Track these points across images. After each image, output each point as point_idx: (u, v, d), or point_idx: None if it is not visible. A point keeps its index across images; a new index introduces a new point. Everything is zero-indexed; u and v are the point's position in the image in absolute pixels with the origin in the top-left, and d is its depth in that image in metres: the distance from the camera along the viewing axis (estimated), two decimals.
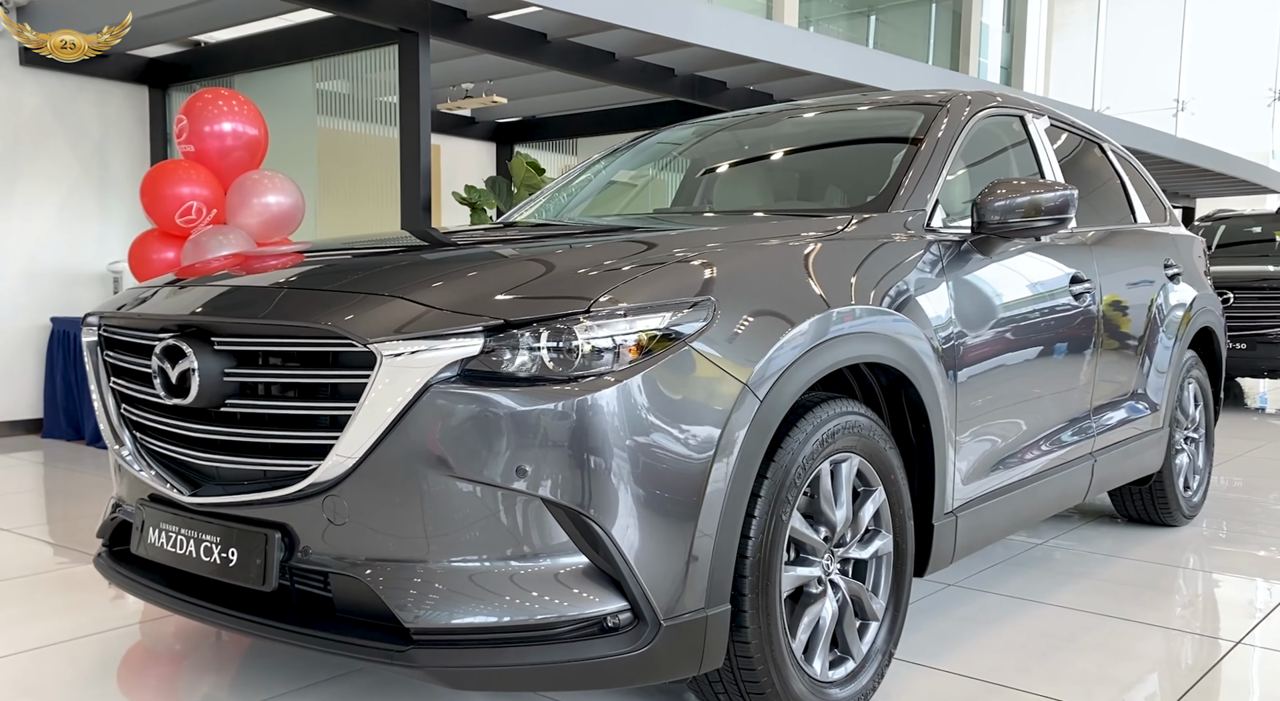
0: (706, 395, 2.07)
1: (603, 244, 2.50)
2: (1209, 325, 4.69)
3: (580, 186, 4.12)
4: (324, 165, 6.69)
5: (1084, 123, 4.39)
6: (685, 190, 4.28)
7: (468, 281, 2.14)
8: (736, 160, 4.14)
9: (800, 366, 2.26)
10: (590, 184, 4.12)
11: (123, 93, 7.45)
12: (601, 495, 1.95)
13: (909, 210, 2.93)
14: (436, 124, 9.50)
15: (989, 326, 2.99)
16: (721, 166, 4.14)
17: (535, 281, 2.12)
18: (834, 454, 2.42)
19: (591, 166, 4.22)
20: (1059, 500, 3.54)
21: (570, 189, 4.11)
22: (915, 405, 2.73)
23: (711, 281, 2.19)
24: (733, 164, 4.12)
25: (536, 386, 1.94)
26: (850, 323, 2.42)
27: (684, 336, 2.06)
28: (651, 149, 4.27)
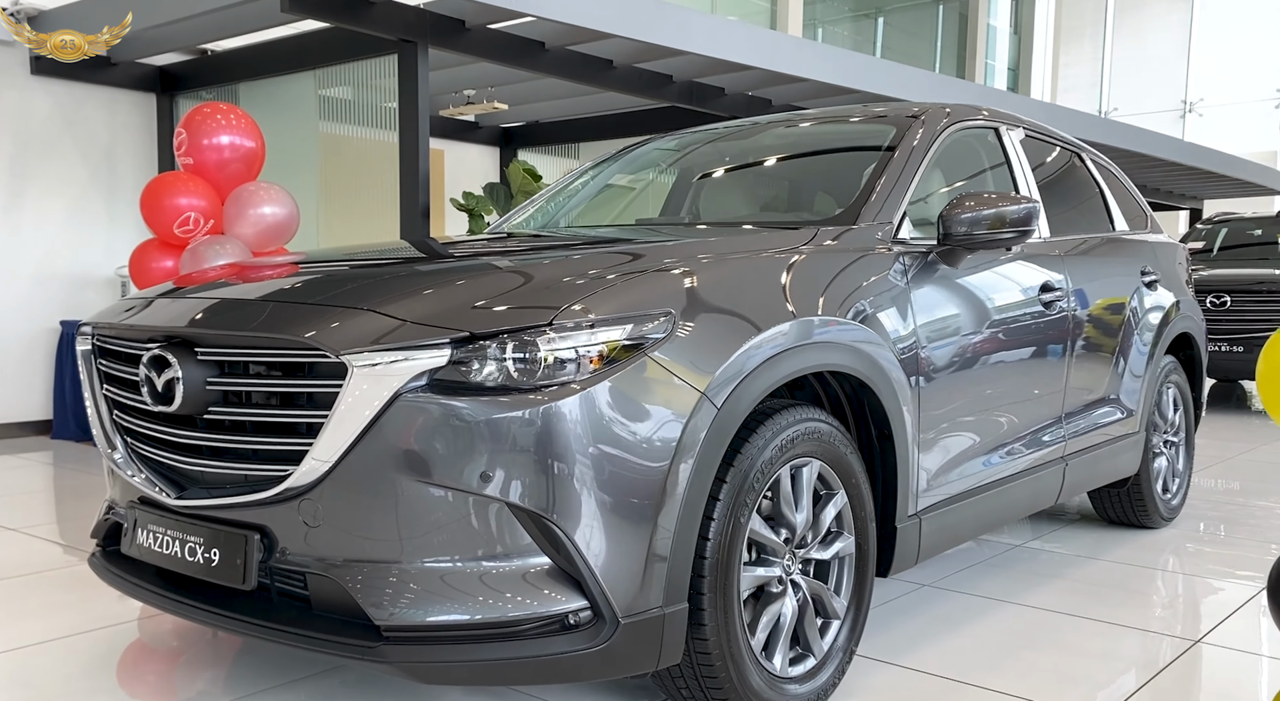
0: (665, 403, 2.18)
1: (571, 258, 2.62)
2: (1188, 331, 4.77)
3: (569, 196, 4.23)
4: (327, 171, 6.83)
5: (1063, 133, 4.49)
6: (672, 199, 4.39)
7: (438, 295, 2.26)
8: (717, 172, 4.25)
9: (758, 375, 2.36)
10: (578, 194, 4.23)
11: (131, 100, 7.60)
12: (562, 499, 2.06)
13: (876, 223, 3.04)
14: (441, 129, 9.64)
15: (953, 335, 3.09)
16: (703, 178, 4.25)
17: (502, 295, 2.23)
18: (794, 459, 2.53)
19: (580, 176, 4.33)
20: (1029, 503, 3.64)
21: (558, 199, 4.22)
22: (878, 412, 2.83)
23: (671, 294, 2.30)
24: (714, 176, 4.23)
25: (500, 395, 2.06)
26: (808, 333, 2.52)
27: (643, 347, 2.17)
28: (639, 159, 4.38)
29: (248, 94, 7.26)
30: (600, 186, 4.29)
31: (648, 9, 6.51)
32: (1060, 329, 3.67)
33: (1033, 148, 4.08)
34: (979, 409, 3.24)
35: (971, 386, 3.18)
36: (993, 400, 3.31)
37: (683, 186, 4.32)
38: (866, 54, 19.32)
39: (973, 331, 3.18)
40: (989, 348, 3.26)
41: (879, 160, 3.31)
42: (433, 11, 6.08)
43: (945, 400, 3.06)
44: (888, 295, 2.88)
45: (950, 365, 3.08)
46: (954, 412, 3.11)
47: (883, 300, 2.85)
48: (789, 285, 2.59)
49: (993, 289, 3.32)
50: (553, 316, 2.11)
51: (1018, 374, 3.44)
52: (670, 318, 2.23)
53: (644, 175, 4.60)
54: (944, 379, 3.04)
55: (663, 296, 2.28)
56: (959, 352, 3.12)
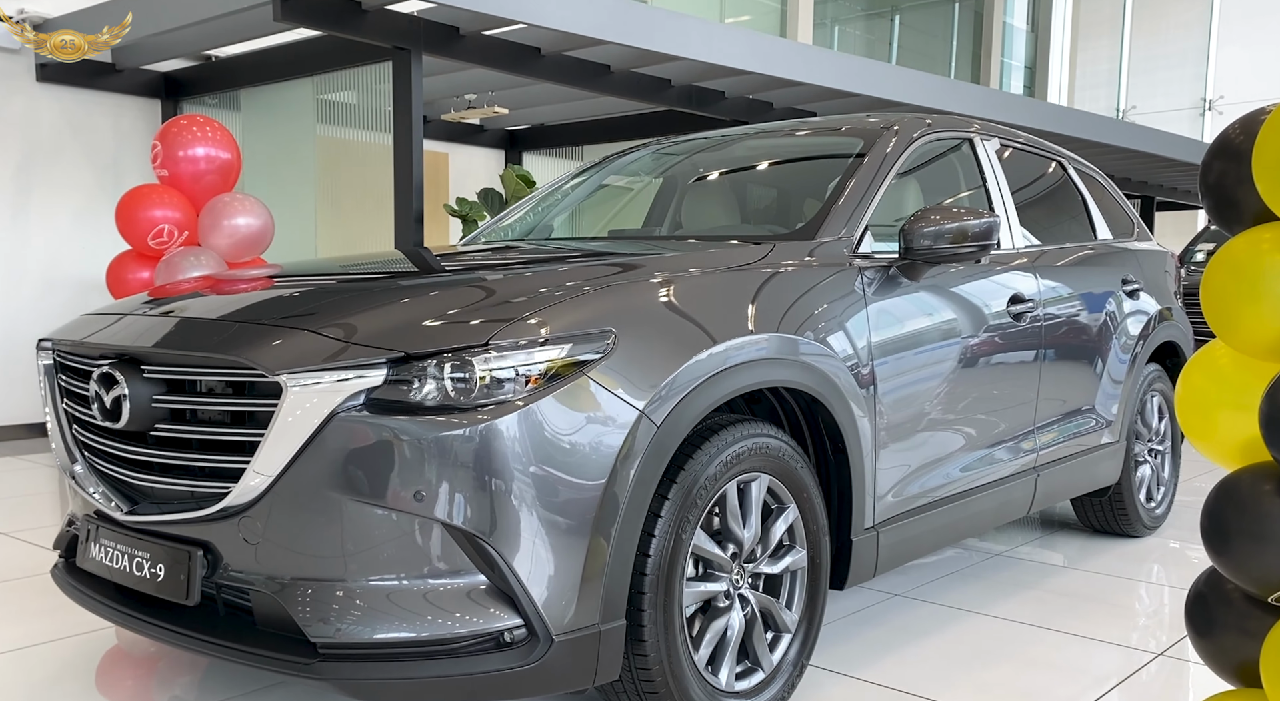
0: (603, 423, 2.21)
1: (519, 275, 2.65)
2: (1172, 339, 4.75)
3: (549, 205, 4.27)
4: (326, 176, 6.89)
5: (1045, 142, 4.48)
6: (654, 209, 4.41)
7: (379, 314, 2.30)
8: (698, 183, 4.28)
9: (700, 393, 2.39)
10: (559, 203, 4.27)
11: (136, 106, 7.69)
12: (496, 519, 2.09)
13: (835, 236, 3.06)
14: (445, 132, 9.71)
15: (912, 349, 3.10)
16: (683, 188, 4.27)
17: (443, 314, 2.26)
18: (741, 474, 2.55)
19: (559, 187, 4.37)
20: (997, 514, 3.65)
21: (538, 208, 4.25)
22: (831, 426, 2.85)
23: (612, 313, 2.33)
24: (694, 186, 4.25)
25: (435, 415, 2.09)
26: (754, 349, 2.54)
27: (583, 366, 2.20)
28: (621, 169, 4.41)
29: (249, 100, 7.34)
30: (582, 196, 4.33)
31: (642, 15, 6.54)
32: (1031, 340, 3.67)
33: (1010, 157, 4.08)
34: (941, 422, 3.25)
35: (932, 399, 3.20)
36: (956, 413, 3.32)
37: (665, 196, 4.35)
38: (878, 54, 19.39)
39: (933, 344, 3.19)
40: (951, 360, 3.27)
41: (843, 172, 3.32)
42: (426, 19, 6.13)
43: (904, 414, 3.07)
44: (844, 309, 2.89)
45: (909, 379, 3.09)
46: (913, 426, 3.13)
47: (838, 314, 2.87)
48: (737, 301, 2.61)
49: (956, 301, 3.33)
50: (490, 336, 2.14)
51: (983, 386, 3.44)
52: (610, 336, 2.26)
53: (630, 183, 4.65)
54: (902, 392, 3.06)
55: (604, 315, 2.31)
56: (918, 366, 3.13)
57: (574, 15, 6.10)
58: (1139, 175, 14.31)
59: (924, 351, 3.15)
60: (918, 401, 3.13)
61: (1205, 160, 1.88)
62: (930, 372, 3.18)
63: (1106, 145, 11.00)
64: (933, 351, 3.19)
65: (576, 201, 4.33)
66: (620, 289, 2.44)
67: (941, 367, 3.23)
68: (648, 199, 4.44)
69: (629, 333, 2.30)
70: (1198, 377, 1.93)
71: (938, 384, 3.21)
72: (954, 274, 3.35)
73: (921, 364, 3.15)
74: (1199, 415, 1.93)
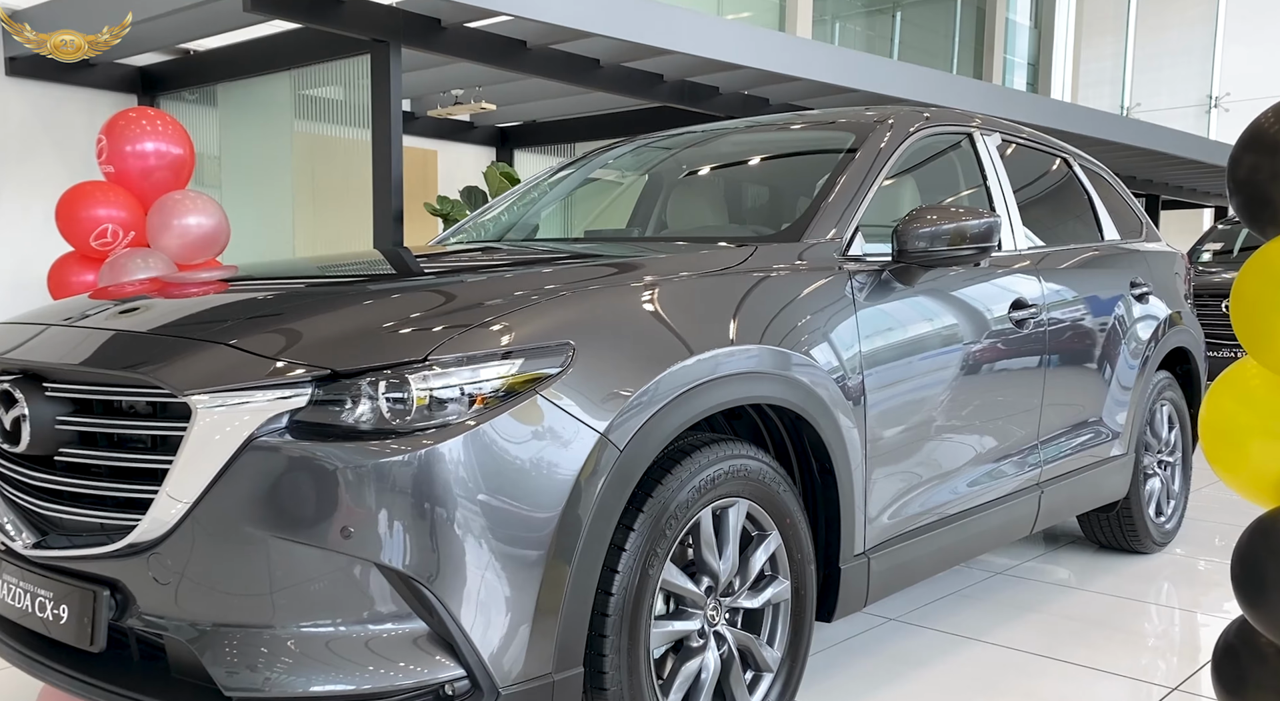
0: (558, 447, 1.98)
1: (467, 283, 2.42)
2: (1184, 345, 4.52)
3: (527, 205, 4.04)
4: (303, 173, 6.66)
5: (1049, 138, 4.25)
6: (639, 209, 4.18)
7: (310, 325, 2.06)
8: (676, 182, 4.05)
9: (670, 411, 2.16)
10: (538, 202, 4.04)
11: (111, 101, 7.46)
12: (433, 558, 1.86)
13: (823, 238, 2.83)
14: (433, 130, 9.48)
15: (905, 360, 2.87)
16: (662, 188, 4.04)
17: (380, 325, 2.03)
18: (717, 499, 2.33)
19: (537, 186, 4.14)
20: (999, 534, 3.41)
21: (514, 208, 4.02)
22: (818, 445, 2.62)
23: (570, 324, 2.10)
24: (673, 185, 4.02)
25: (365, 441, 1.86)
26: (730, 363, 2.31)
27: (535, 384, 1.97)
28: (603, 167, 4.18)
29: (226, 96, 7.11)
30: (562, 194, 4.10)
31: (630, 7, 6.30)
32: (1034, 348, 3.44)
33: (1012, 153, 3.84)
34: (937, 437, 3.02)
35: (928, 414, 2.96)
36: (954, 428, 3.08)
37: (650, 194, 4.12)
38: (879, 50, 19.13)
39: (929, 354, 2.96)
40: (948, 371, 3.04)
41: (833, 170, 3.09)
42: (405, 10, 5.89)
43: (897, 429, 2.84)
44: (831, 317, 2.66)
45: (903, 392, 2.86)
46: (908, 443, 2.89)
47: (825, 323, 2.63)
48: (713, 309, 2.38)
49: (954, 308, 3.09)
50: (430, 351, 1.91)
51: (983, 398, 3.21)
52: (568, 350, 2.03)
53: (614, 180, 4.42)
54: (896, 407, 2.83)
55: (561, 326, 2.08)
56: (913, 378, 2.90)
57: (560, 6, 5.86)
58: (1144, 173, 14.06)
59: (919, 362, 2.92)
60: (912, 416, 2.90)
61: (1234, 154, 1.65)
62: (926, 385, 2.95)
63: (1111, 142, 10.75)
64: (928, 362, 2.96)
65: (556, 199, 4.10)
66: (580, 297, 2.21)
67: (938, 379, 3.00)
68: (632, 197, 4.22)
69: (589, 346, 2.07)
70: (1226, 401, 1.70)
71: (934, 397, 2.98)
72: (952, 278, 3.11)
73: (916, 375, 2.91)
74: (1228, 445, 1.70)
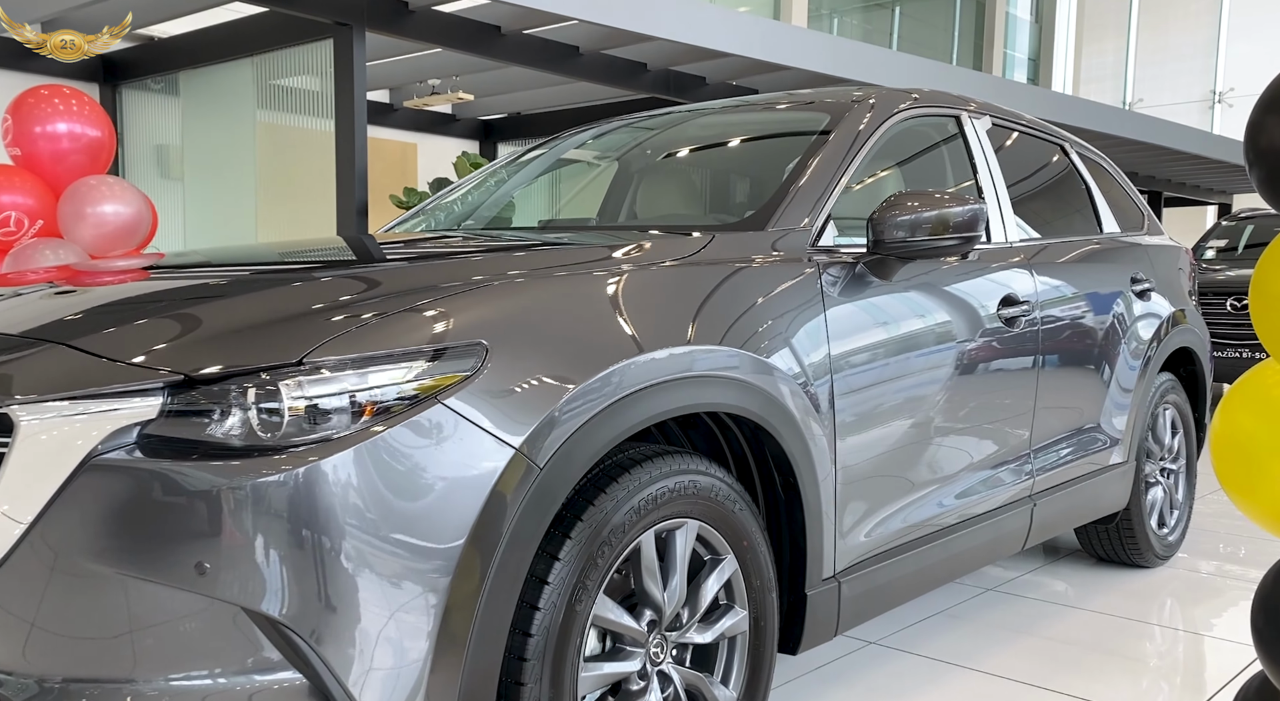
0: (463, 466, 1.70)
1: (371, 272, 2.14)
2: (1188, 345, 4.23)
3: (486, 193, 3.76)
4: (267, 163, 6.38)
5: (1044, 123, 3.96)
6: (609, 198, 3.91)
7: (180, 321, 1.79)
8: (646, 168, 3.77)
9: (602, 423, 1.88)
10: (497, 191, 3.77)
11: None
12: (307, 599, 1.58)
13: (790, 227, 2.55)
14: (413, 122, 9.21)
15: (881, 363, 2.59)
16: (633, 174, 3.77)
17: (256, 321, 1.76)
18: (661, 521, 2.05)
19: (493, 173, 3.86)
20: (987, 552, 3.13)
21: (468, 197, 3.75)
22: (780, 457, 2.34)
23: (485, 321, 1.82)
24: (642, 172, 3.75)
25: (227, 459, 1.58)
26: (674, 366, 2.03)
27: (436, 391, 1.69)
28: (567, 152, 3.91)
29: (188, 83, 6.84)
30: (524, 181, 3.83)
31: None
32: (1025, 349, 3.16)
33: (1003, 139, 3.57)
34: (918, 447, 2.74)
35: (907, 422, 2.68)
36: (936, 436, 2.80)
37: (621, 182, 3.85)
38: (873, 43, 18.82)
39: (909, 356, 2.68)
40: (930, 375, 2.76)
41: (803, 154, 2.81)
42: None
43: (872, 440, 2.56)
44: (797, 314, 2.38)
45: (878, 398, 2.58)
46: (884, 454, 2.62)
47: (789, 320, 2.35)
48: (653, 307, 2.10)
49: (936, 305, 2.81)
50: (307, 352, 1.64)
51: (968, 404, 2.93)
52: (479, 352, 1.75)
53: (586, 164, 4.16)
54: (870, 414, 2.55)
55: (472, 323, 1.80)
56: (889, 383, 2.62)
57: None
58: (1146, 170, 13.79)
59: (896, 364, 2.64)
60: (889, 424, 2.62)
61: (1254, 118, 1.38)
62: (904, 389, 2.67)
63: (1112, 136, 10.48)
64: (907, 364, 2.68)
65: (520, 186, 3.83)
66: (499, 291, 1.93)
67: (918, 383, 2.72)
68: (602, 184, 3.95)
69: (506, 346, 1.79)
70: (1242, 413, 1.42)
71: (913, 402, 2.70)
72: (934, 272, 2.83)
73: (893, 379, 2.63)
74: (1243, 464, 1.42)
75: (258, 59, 6.35)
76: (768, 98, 3.63)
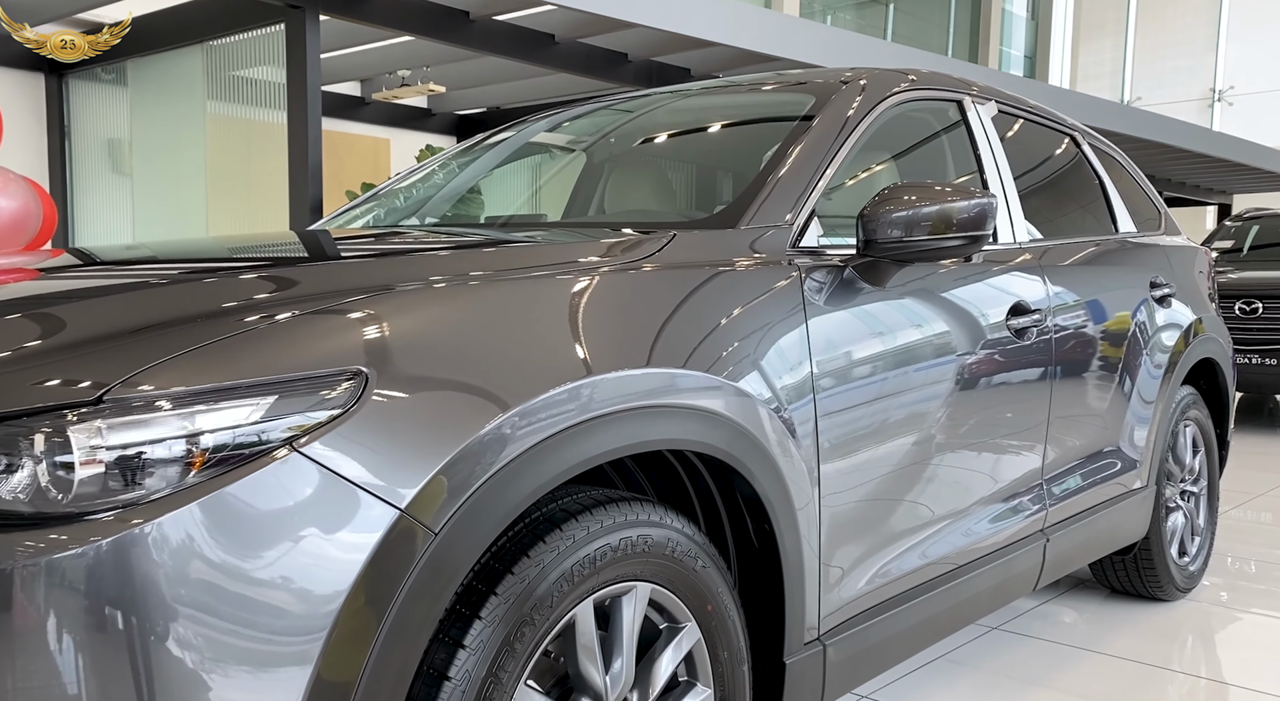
0: (327, 535, 1.30)
1: (239, 277, 1.74)
2: (1211, 356, 3.85)
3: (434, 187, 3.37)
4: (217, 156, 5.97)
5: (1054, 111, 3.58)
6: (578, 191, 3.51)
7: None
8: (615, 158, 3.38)
9: (521, 471, 1.49)
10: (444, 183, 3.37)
11: (16, 80, 6.80)
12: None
13: (766, 225, 2.16)
14: (387, 116, 8.82)
15: (873, 383, 2.20)
16: (595, 164, 3.38)
17: (70, 343, 1.37)
18: (603, 588, 1.66)
19: (444, 165, 3.47)
20: (994, 597, 2.74)
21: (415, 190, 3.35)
22: (753, 500, 1.95)
23: (366, 343, 1.42)
24: (605, 162, 3.36)
25: (13, 532, 1.19)
26: (612, 395, 1.63)
27: (293, 437, 1.30)
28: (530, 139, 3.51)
29: (136, 72, 6.43)
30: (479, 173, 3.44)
31: None
32: (1037, 364, 2.78)
33: (1009, 127, 3.18)
34: (916, 481, 2.35)
35: (903, 452, 2.29)
36: (937, 468, 2.41)
37: (591, 173, 3.46)
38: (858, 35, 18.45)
39: (905, 374, 2.29)
40: (930, 396, 2.37)
41: (783, 141, 2.42)
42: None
43: (863, 475, 2.17)
44: (771, 327, 1.99)
45: (871, 426, 2.19)
46: (878, 491, 2.23)
47: (760, 336, 1.96)
48: (590, 323, 1.70)
49: (936, 314, 2.42)
50: (109, 386, 1.24)
51: (974, 429, 2.54)
52: (354, 383, 1.36)
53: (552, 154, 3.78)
54: (861, 445, 2.16)
55: (347, 345, 1.41)
56: (883, 407, 2.23)
57: None
58: (1145, 168, 13.33)
59: (890, 384, 2.25)
60: (882, 455, 2.23)
61: None
62: (899, 414, 2.28)
63: (1111, 133, 10.09)
64: (904, 384, 2.29)
65: (475, 178, 3.44)
66: (391, 302, 1.53)
67: (916, 406, 2.33)
68: (570, 175, 3.56)
69: (394, 374, 1.40)
70: None
71: (910, 429, 2.31)
72: (934, 276, 2.45)
73: (887, 403, 2.24)
74: None
75: (208, 46, 5.94)
76: (753, 79, 3.24)
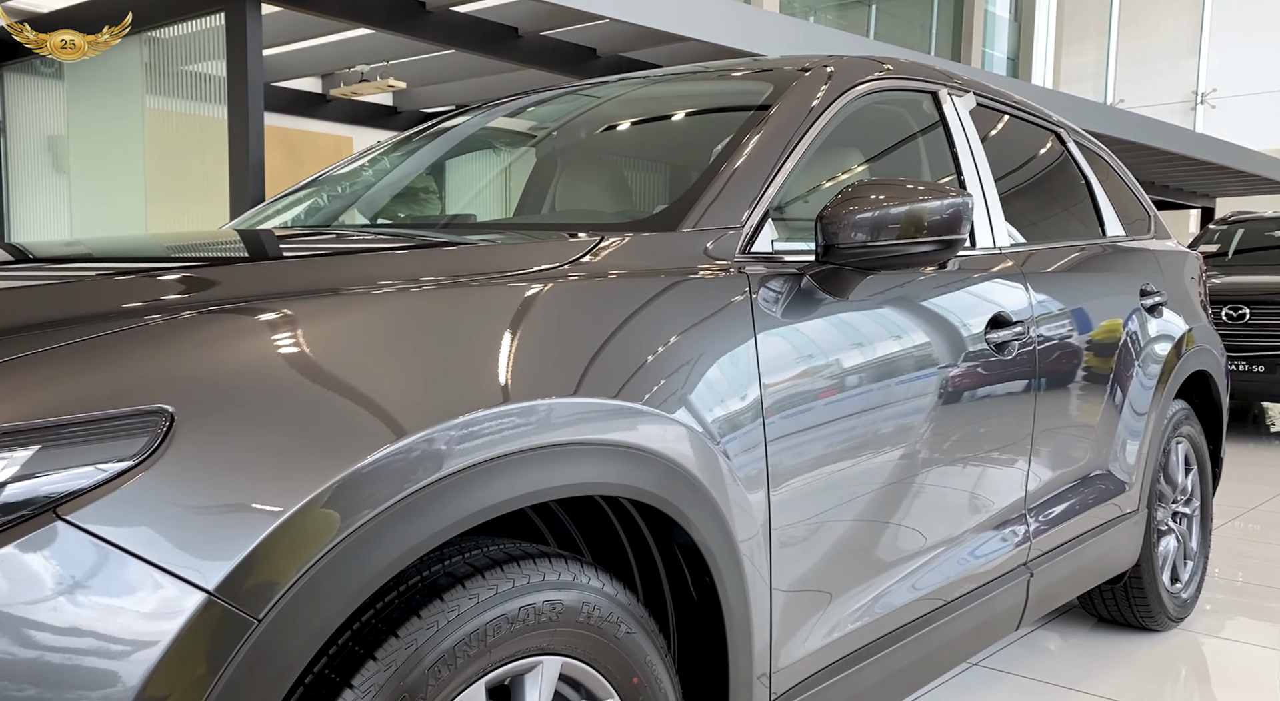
0: (106, 627, 1.02)
1: (56, 287, 1.44)
2: (1204, 368, 3.59)
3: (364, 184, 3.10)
4: (157, 153, 5.67)
5: (1037, 106, 3.31)
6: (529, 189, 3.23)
7: None
8: (565, 153, 3.10)
9: (380, 534, 1.20)
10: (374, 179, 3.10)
11: None
12: None
13: (712, 227, 1.88)
14: (349, 114, 8.53)
15: (833, 408, 1.92)
16: (548, 159, 3.10)
17: None
18: (498, 667, 1.37)
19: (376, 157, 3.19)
20: (972, 641, 2.47)
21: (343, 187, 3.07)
22: (690, 549, 1.67)
23: (175, 375, 1.13)
24: (557, 155, 3.08)
25: None
26: (509, 433, 1.35)
27: (56, 501, 1.01)
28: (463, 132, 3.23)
29: (72, 67, 6.12)
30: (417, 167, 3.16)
31: None
32: (1019, 381, 2.50)
33: (990, 123, 2.91)
34: (883, 521, 2.07)
35: (870, 484, 2.02)
36: (907, 500, 2.14)
37: (543, 169, 3.17)
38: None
39: (869, 395, 2.01)
40: (899, 421, 2.09)
41: (735, 133, 2.14)
42: None
43: (820, 517, 1.89)
44: (712, 346, 1.71)
45: (830, 456, 1.91)
46: (839, 534, 1.95)
47: (699, 356, 1.68)
48: (486, 345, 1.42)
49: (906, 328, 2.15)
50: None
51: (949, 456, 2.27)
52: (154, 425, 1.07)
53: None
54: (818, 479, 1.88)
55: (147, 378, 1.12)
56: (845, 437, 1.95)
57: None
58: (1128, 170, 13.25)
59: (854, 408, 1.97)
60: (843, 489, 1.95)
61: None
62: (864, 442, 2.00)
63: (1095, 134, 9.88)
64: (869, 407, 2.01)
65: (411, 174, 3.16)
66: (217, 324, 1.24)
67: (883, 433, 2.05)
68: (521, 170, 3.29)
69: (206, 417, 1.11)
70: None
71: (877, 458, 2.03)
72: (904, 285, 2.17)
73: (848, 431, 1.96)
74: None
75: (146, 37, 5.63)
76: (721, 65, 2.96)
